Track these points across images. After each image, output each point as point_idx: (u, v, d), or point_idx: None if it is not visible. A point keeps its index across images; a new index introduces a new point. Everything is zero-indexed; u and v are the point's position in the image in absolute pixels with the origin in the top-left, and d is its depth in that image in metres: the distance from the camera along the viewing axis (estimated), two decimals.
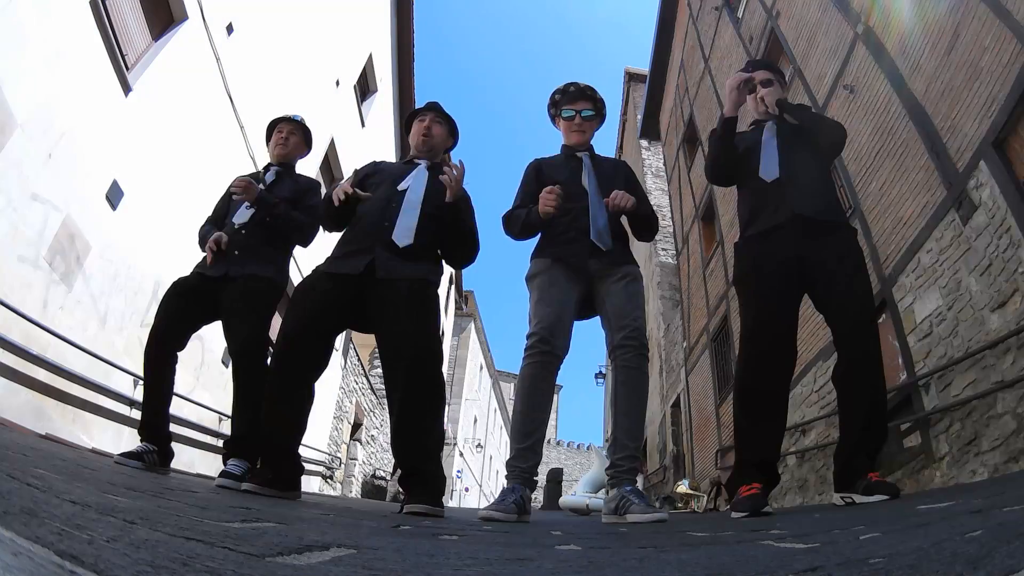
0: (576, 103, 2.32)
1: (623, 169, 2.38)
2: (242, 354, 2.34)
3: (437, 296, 2.15)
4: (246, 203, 2.50)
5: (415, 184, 2.14)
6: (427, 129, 2.27)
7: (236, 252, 2.41)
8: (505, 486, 1.96)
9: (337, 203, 2.05)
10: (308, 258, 3.42)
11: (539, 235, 2.27)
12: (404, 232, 2.05)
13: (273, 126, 2.81)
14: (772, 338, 1.99)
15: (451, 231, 2.14)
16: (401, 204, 2.10)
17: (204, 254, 2.48)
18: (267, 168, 2.73)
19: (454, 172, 2.08)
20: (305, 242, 2.59)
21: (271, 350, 2.14)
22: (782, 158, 2.14)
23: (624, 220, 2.27)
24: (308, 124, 2.85)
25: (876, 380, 1.91)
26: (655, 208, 2.42)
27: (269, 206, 2.47)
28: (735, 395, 2.04)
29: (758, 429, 1.96)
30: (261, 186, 2.55)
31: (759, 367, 1.98)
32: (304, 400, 2.01)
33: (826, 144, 2.23)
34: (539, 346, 2.02)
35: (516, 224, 2.21)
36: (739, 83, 2.19)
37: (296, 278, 4.68)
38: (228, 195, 2.67)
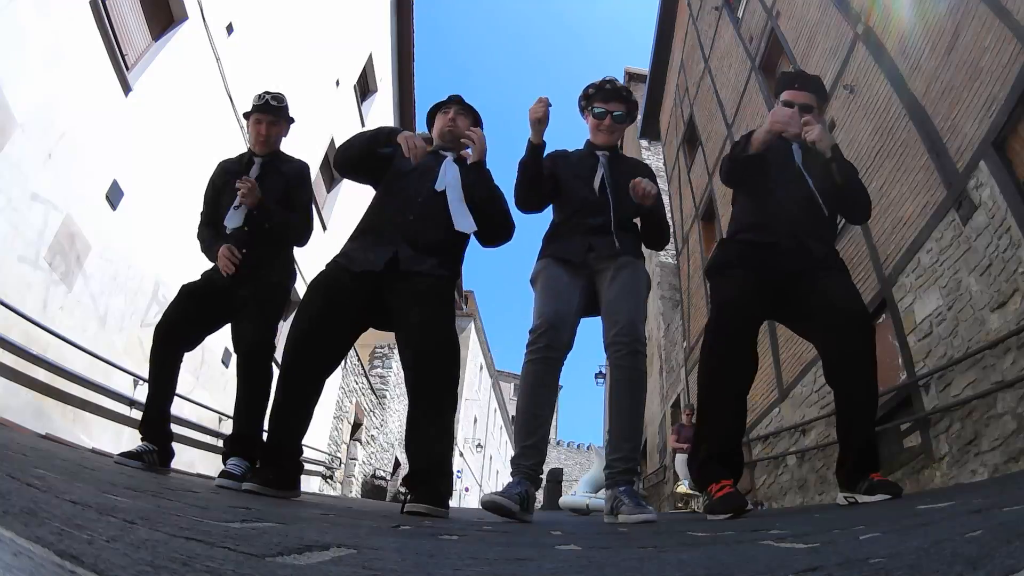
0: (609, 102, 2.26)
1: (642, 171, 2.29)
2: (249, 355, 2.33)
3: (454, 295, 2.16)
4: (236, 203, 2.39)
5: (451, 180, 2.15)
6: (452, 121, 2.28)
7: (244, 251, 2.38)
8: (511, 480, 1.95)
9: (407, 153, 2.05)
10: (307, 257, 3.41)
11: (546, 231, 2.25)
12: (464, 221, 2.07)
13: (248, 117, 2.60)
14: (746, 327, 1.94)
15: (482, 197, 2.15)
16: (441, 201, 2.09)
17: (212, 263, 2.43)
18: (250, 159, 2.56)
19: (473, 138, 2.15)
20: (301, 243, 2.57)
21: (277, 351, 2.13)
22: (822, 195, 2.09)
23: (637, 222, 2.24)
24: (284, 98, 2.62)
25: (870, 376, 1.89)
26: None
27: (268, 212, 2.42)
28: (704, 383, 1.96)
29: (723, 421, 1.91)
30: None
31: (729, 355, 1.92)
32: (312, 399, 2.00)
33: (854, 215, 2.24)
34: (542, 340, 1.99)
35: (516, 183, 2.18)
36: (790, 118, 2.01)
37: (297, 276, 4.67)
38: (214, 189, 2.58)
